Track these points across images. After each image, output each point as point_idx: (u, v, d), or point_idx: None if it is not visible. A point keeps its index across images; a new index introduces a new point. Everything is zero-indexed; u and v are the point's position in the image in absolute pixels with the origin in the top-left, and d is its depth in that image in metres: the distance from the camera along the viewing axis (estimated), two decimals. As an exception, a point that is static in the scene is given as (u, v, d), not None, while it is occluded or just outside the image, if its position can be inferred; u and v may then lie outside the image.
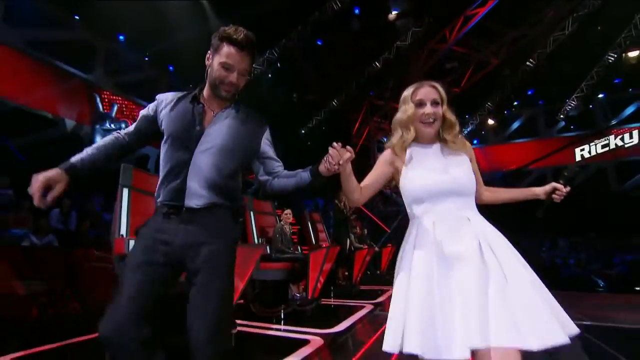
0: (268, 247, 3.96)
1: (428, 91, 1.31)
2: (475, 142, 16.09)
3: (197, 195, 1.20)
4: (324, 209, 10.30)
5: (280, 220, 4.29)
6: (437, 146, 1.35)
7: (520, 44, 10.97)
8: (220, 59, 1.23)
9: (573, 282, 8.85)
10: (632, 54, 10.98)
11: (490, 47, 11.18)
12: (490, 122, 15.09)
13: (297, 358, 2.35)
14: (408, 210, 1.33)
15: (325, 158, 1.20)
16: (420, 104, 1.31)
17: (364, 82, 11.03)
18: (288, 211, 4.27)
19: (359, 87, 11.16)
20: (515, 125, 16.50)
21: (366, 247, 5.90)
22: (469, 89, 12.33)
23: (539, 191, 1.37)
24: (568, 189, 1.32)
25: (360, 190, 1.32)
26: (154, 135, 1.34)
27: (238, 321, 2.97)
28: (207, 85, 1.31)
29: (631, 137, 14.79)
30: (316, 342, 2.71)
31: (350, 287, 5.23)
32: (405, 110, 1.32)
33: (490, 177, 16.14)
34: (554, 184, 1.34)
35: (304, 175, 1.30)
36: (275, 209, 4.63)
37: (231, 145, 1.26)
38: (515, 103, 15.67)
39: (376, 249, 7.12)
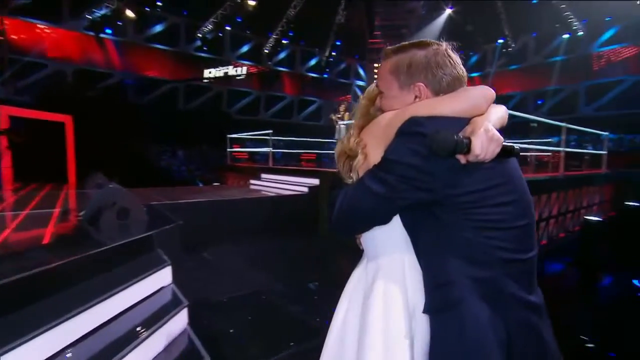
0: None
1: None
2: (109, 31, 15.12)
3: None
4: None
5: None
6: None
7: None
8: None
9: (182, 182, 12.66)
10: (251, 2, 14.78)
11: None
12: (130, 14, 14.68)
13: None
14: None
15: None
16: None
17: None
18: None
19: None
20: (157, 28, 17.19)
21: None
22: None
23: None
24: None
25: None
26: None
27: None
28: None
29: (242, 71, 20.30)
30: None
31: None
32: None
33: (119, 78, 16.16)
34: None
35: None
36: None
37: None
38: (159, 3, 16.15)
39: None
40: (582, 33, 16.90)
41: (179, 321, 2.29)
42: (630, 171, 9.41)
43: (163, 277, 2.51)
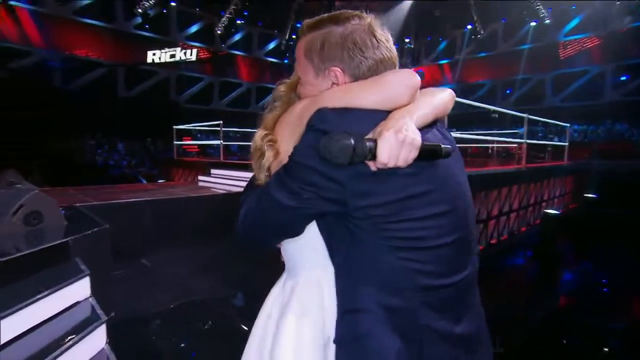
0: None
1: None
2: None
3: None
4: None
5: None
6: None
7: None
8: None
9: (122, 179, 11.76)
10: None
11: None
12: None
13: None
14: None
15: None
16: None
17: None
18: None
19: None
20: (85, 1, 16.15)
21: None
22: None
23: None
24: None
25: None
26: None
27: None
28: None
29: (192, 54, 19.63)
30: None
31: None
32: None
33: (40, 57, 14.99)
34: None
35: None
36: None
37: None
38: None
39: None
40: (549, 21, 17.83)
41: (95, 340, 2.17)
42: (590, 162, 10.17)
43: (79, 289, 2.37)
